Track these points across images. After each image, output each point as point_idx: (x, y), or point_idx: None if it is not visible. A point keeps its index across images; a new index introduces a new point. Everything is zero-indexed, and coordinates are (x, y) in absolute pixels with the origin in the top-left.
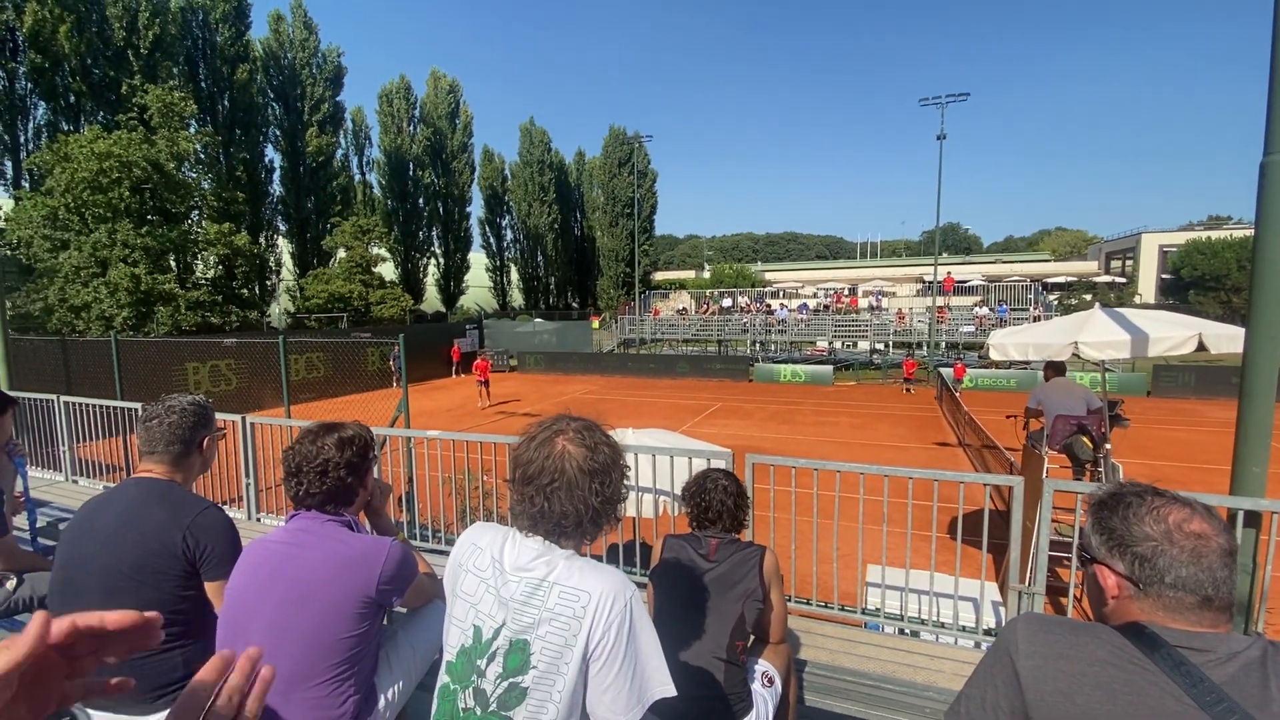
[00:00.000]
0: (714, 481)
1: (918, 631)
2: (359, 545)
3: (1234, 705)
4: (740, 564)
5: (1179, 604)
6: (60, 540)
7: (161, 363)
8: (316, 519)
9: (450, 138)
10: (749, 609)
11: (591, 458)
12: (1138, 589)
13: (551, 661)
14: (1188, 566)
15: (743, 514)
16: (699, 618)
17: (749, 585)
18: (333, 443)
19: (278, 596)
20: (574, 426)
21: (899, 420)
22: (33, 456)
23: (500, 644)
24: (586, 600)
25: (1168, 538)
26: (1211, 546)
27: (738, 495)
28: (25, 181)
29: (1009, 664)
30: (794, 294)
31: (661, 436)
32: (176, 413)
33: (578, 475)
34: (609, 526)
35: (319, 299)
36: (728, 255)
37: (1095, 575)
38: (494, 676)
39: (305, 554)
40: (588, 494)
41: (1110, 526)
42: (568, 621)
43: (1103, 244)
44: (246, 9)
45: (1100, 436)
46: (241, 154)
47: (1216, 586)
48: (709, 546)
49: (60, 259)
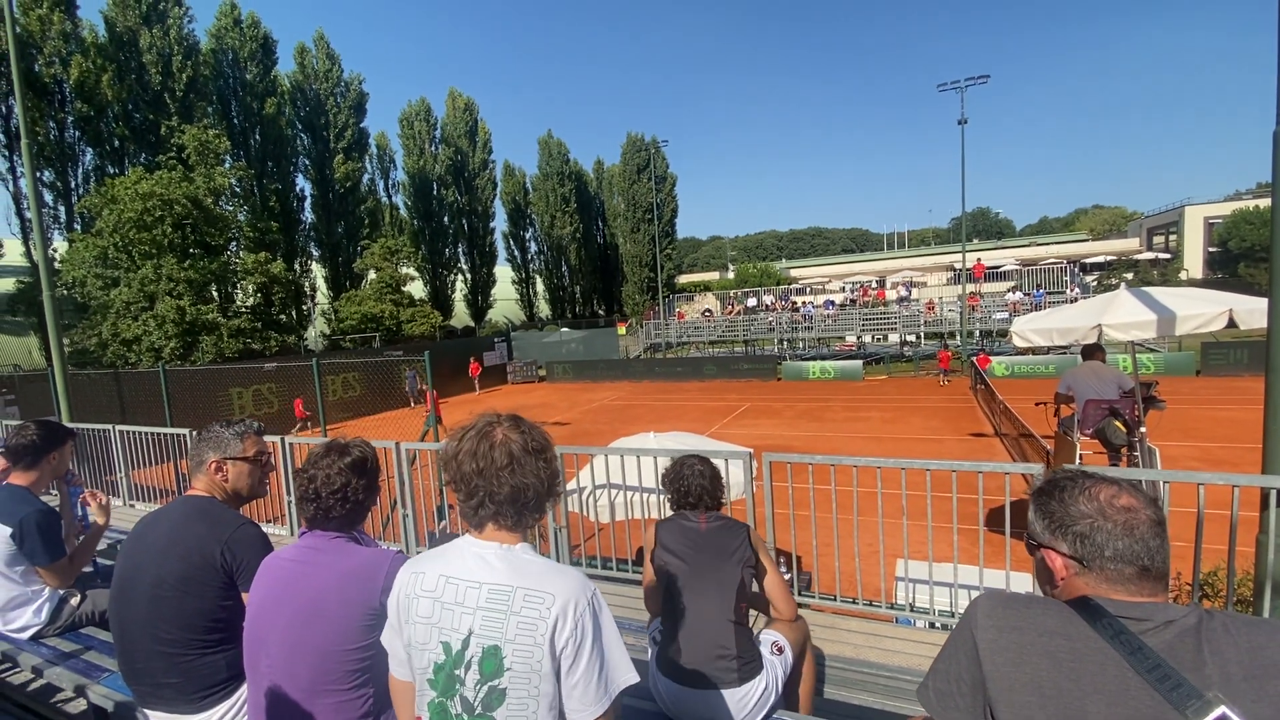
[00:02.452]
0: (689, 467)
1: (949, 625)
2: (361, 558)
3: (1169, 670)
4: (730, 533)
5: (1120, 575)
6: (118, 556)
7: (207, 389)
8: (324, 536)
9: (471, 155)
10: (746, 574)
11: (530, 439)
12: (1082, 566)
13: (524, 661)
14: (1123, 539)
15: (719, 493)
16: (707, 585)
17: (743, 553)
18: (347, 466)
19: (290, 612)
20: (504, 419)
21: (932, 412)
22: (92, 483)
23: (473, 652)
24: (551, 602)
25: (1101, 514)
26: (1141, 519)
27: (712, 477)
28: (77, 224)
29: (969, 637)
30: (820, 290)
31: (681, 439)
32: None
33: (523, 456)
34: (552, 504)
35: (352, 320)
36: (751, 254)
37: (1044, 559)
38: (473, 683)
39: (313, 570)
40: (537, 470)
41: (1050, 510)
42: (535, 623)
43: (1143, 219)
44: (273, 45)
45: (1134, 420)
46: (274, 185)
47: (1151, 556)
48: (697, 520)
49: (111, 296)
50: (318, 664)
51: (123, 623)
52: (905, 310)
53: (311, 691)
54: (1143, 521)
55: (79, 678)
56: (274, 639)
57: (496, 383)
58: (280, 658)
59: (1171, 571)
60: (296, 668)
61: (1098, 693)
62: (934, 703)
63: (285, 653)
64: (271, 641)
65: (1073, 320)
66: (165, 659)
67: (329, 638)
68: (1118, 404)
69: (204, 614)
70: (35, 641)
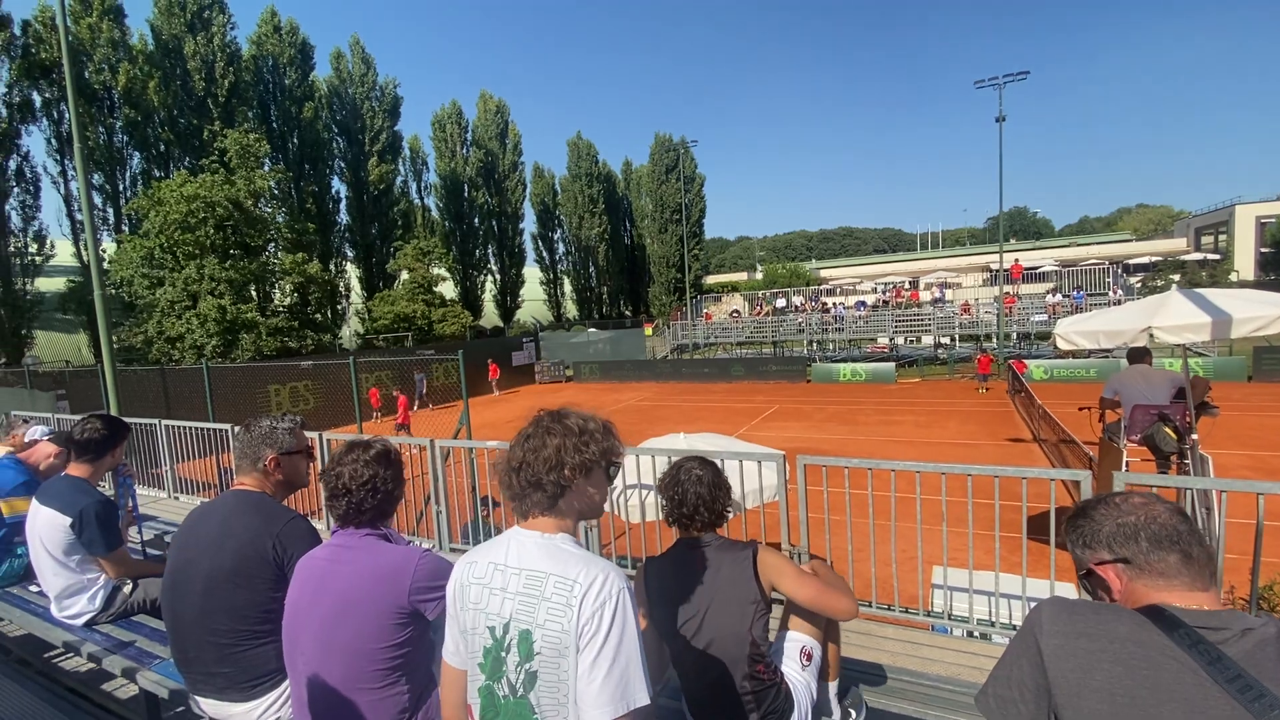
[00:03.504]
0: (687, 472)
1: (988, 634)
2: (389, 557)
3: (1250, 680)
4: (735, 572)
5: (1166, 566)
6: (170, 547)
7: (247, 386)
8: (355, 534)
9: (501, 157)
10: (757, 625)
11: (572, 422)
12: (1129, 565)
13: (554, 646)
14: (1149, 527)
15: (721, 505)
16: (714, 650)
17: (749, 594)
18: (372, 458)
19: (321, 611)
20: (550, 412)
21: (968, 416)
22: (139, 476)
23: (512, 635)
24: (578, 589)
25: (1119, 510)
26: (1159, 509)
27: (713, 485)
28: (125, 226)
29: (1033, 643)
30: (851, 290)
31: (713, 440)
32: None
33: (564, 438)
34: (598, 473)
35: (385, 320)
36: (780, 255)
37: (1098, 578)
38: (514, 665)
39: (344, 569)
40: (578, 446)
41: (1082, 531)
42: (562, 609)
43: (1191, 219)
44: (310, 50)
45: (1185, 426)
46: (311, 187)
47: (1183, 539)
48: (694, 561)
49: (157, 295)
50: (350, 663)
51: (176, 614)
52: (939, 312)
53: (346, 689)
54: (1161, 511)
55: (130, 663)
56: (307, 638)
57: (524, 382)
58: (314, 656)
59: (1225, 583)
60: (330, 666)
61: (1174, 700)
62: (994, 710)
63: (319, 652)
64: (305, 640)
65: (1121, 322)
66: (217, 649)
67: (360, 637)
68: (1168, 409)
69: (255, 606)
70: (89, 628)
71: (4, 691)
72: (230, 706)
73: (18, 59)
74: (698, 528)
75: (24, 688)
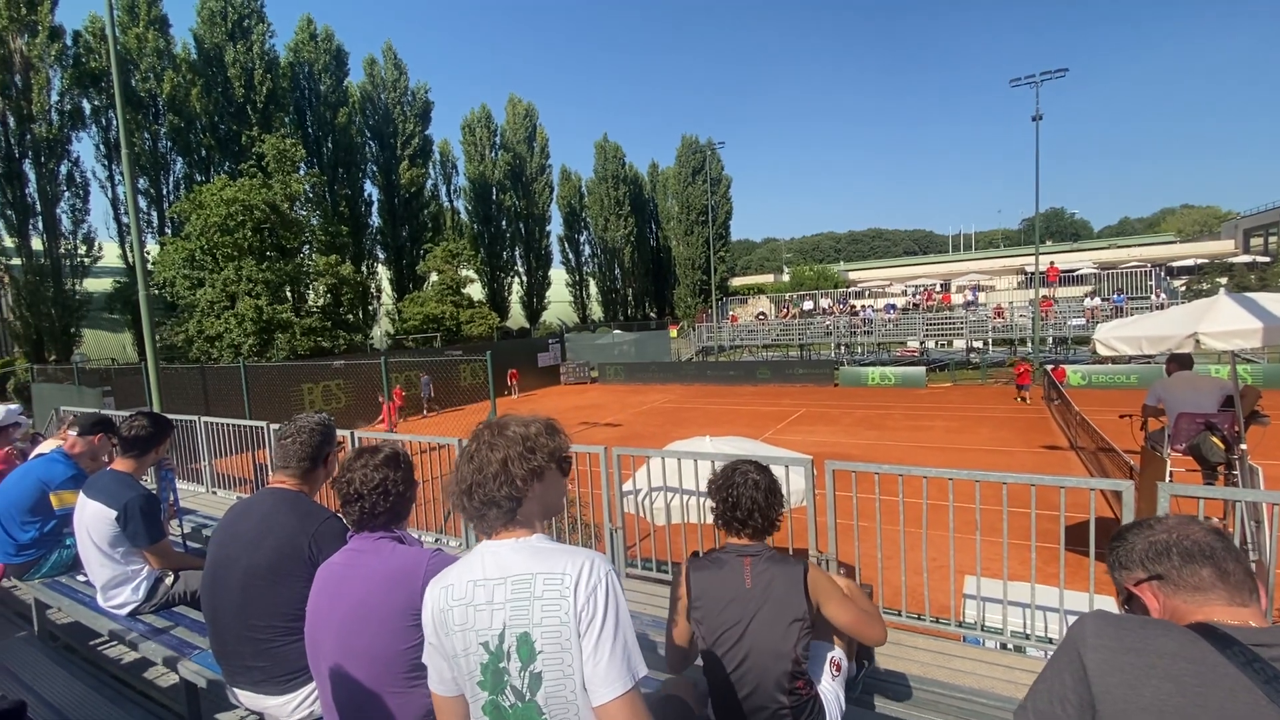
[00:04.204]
0: (743, 475)
1: (1022, 647)
2: (401, 558)
3: None
4: (785, 588)
5: (1201, 580)
6: (210, 543)
7: (281, 384)
8: (369, 538)
9: (529, 160)
10: (801, 643)
11: (514, 435)
12: (1163, 581)
13: (554, 642)
14: (1180, 543)
15: (775, 513)
16: (752, 663)
17: (796, 611)
18: (381, 462)
19: (340, 616)
20: (487, 426)
21: (1001, 422)
22: (178, 471)
23: (509, 643)
24: (569, 580)
25: (1152, 529)
26: (1194, 528)
27: (769, 490)
28: (168, 228)
29: (1076, 657)
30: (880, 293)
31: (740, 443)
32: (307, 431)
33: (505, 445)
34: (549, 471)
35: (415, 320)
36: (808, 256)
37: (1138, 601)
38: (517, 671)
39: (359, 574)
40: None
41: (1118, 554)
42: (557, 601)
43: (1239, 220)
44: (345, 57)
45: (1234, 435)
46: (344, 190)
47: (1216, 553)
48: (742, 568)
49: (197, 295)
50: (371, 666)
51: (215, 609)
52: (972, 315)
53: (369, 692)
54: (1196, 530)
55: (171, 653)
56: (327, 643)
57: (550, 384)
58: (336, 661)
59: (1278, 600)
60: (353, 670)
61: (1227, 719)
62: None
63: (339, 656)
64: (325, 645)
65: (1165, 327)
66: (254, 644)
67: (377, 640)
68: (1215, 418)
69: (292, 602)
70: (132, 617)
71: (52, 677)
72: (266, 699)
73: (69, 68)
74: (749, 534)
75: (70, 673)
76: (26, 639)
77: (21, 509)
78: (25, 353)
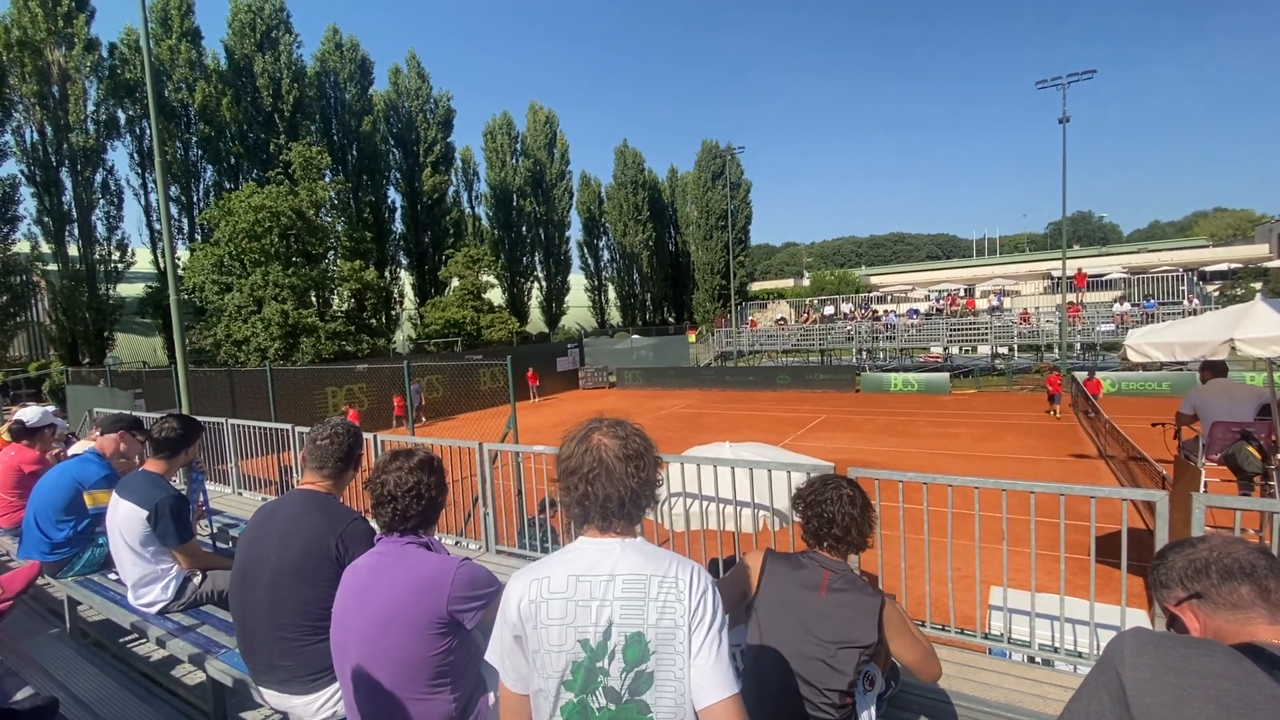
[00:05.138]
0: (836, 490)
1: (1051, 660)
2: (428, 566)
3: None
4: (858, 611)
5: (1239, 599)
6: (240, 542)
7: (306, 388)
8: (397, 542)
9: (549, 167)
10: (861, 670)
11: (624, 446)
12: (1202, 600)
13: (667, 643)
14: (1220, 561)
15: (868, 529)
16: (805, 671)
17: (864, 640)
18: (416, 465)
19: (365, 619)
20: (607, 423)
21: (1028, 430)
22: (207, 472)
23: (616, 641)
24: (685, 586)
25: (1194, 548)
26: (1236, 547)
27: (864, 506)
28: (198, 235)
29: (1115, 676)
30: (903, 298)
31: (760, 450)
32: (342, 433)
33: (614, 462)
34: (650, 507)
35: (437, 325)
36: (828, 261)
37: (1179, 622)
38: (618, 672)
39: (386, 578)
40: (625, 477)
41: (1158, 576)
42: (672, 605)
43: (1273, 223)
44: (370, 66)
45: (1271, 445)
46: (368, 197)
47: (1257, 571)
48: (820, 579)
49: (225, 300)
50: (396, 670)
51: (244, 607)
52: (997, 320)
53: (394, 695)
54: (1238, 548)
55: (199, 651)
56: (353, 645)
57: (569, 388)
58: (361, 663)
59: None
60: (377, 673)
61: None
62: None
63: (365, 658)
64: (351, 647)
65: (1199, 334)
66: (281, 643)
67: (402, 645)
68: (1251, 427)
69: (318, 601)
70: (161, 616)
71: (82, 673)
72: (291, 699)
73: (105, 79)
74: (840, 550)
75: (100, 669)
76: (59, 636)
77: (56, 508)
78: (60, 356)
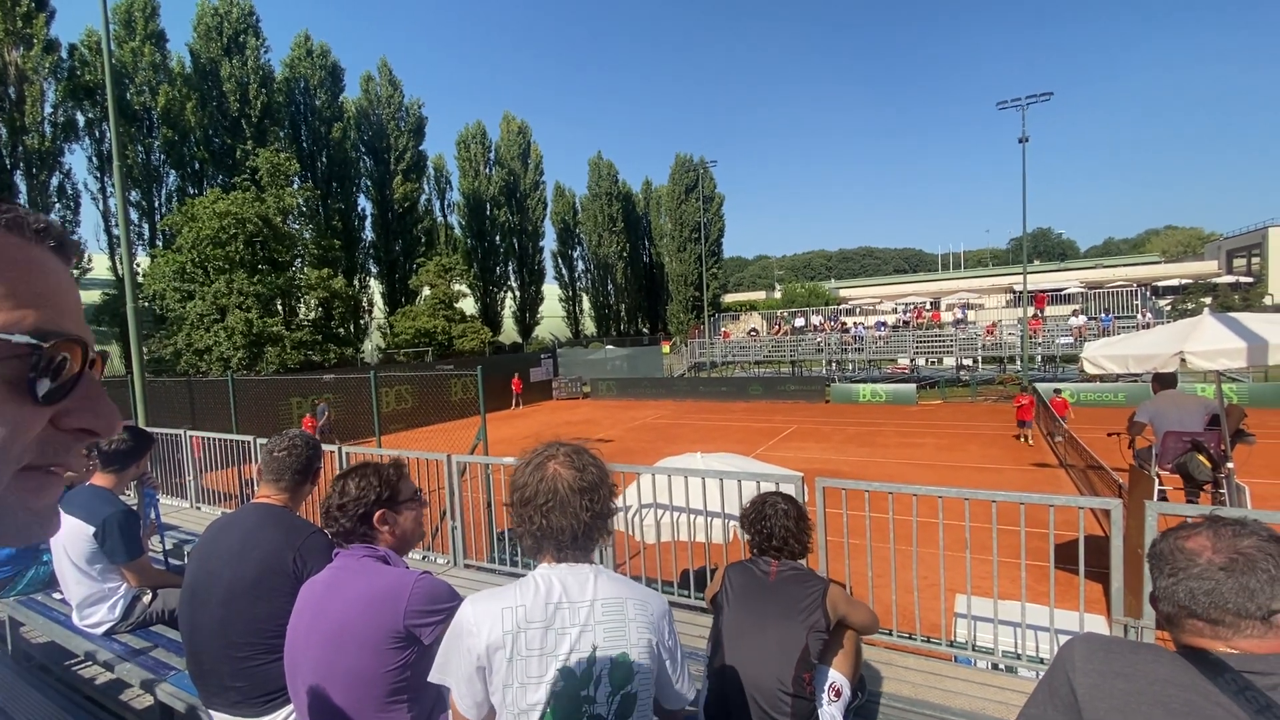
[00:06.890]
0: (773, 506)
1: (1014, 667)
2: (385, 580)
3: None
4: (802, 588)
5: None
6: (190, 558)
7: (270, 398)
8: (354, 555)
9: (523, 177)
10: (813, 640)
11: (580, 477)
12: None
13: (646, 662)
14: (1188, 583)
15: (805, 537)
16: (763, 643)
17: (814, 618)
18: (371, 474)
19: (319, 634)
20: (563, 450)
21: (991, 440)
22: (163, 485)
23: (601, 665)
24: (647, 605)
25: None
26: (1204, 561)
27: (798, 518)
28: (159, 241)
29: (1065, 682)
30: (871, 310)
31: (731, 460)
32: (300, 445)
33: (569, 494)
34: (601, 540)
35: (407, 335)
36: (799, 274)
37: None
38: (605, 697)
39: (341, 592)
40: (580, 510)
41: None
42: (648, 624)
43: (1223, 241)
44: (340, 73)
45: (1220, 454)
46: (337, 204)
47: (1218, 599)
48: (769, 567)
49: (187, 308)
50: (351, 687)
51: (194, 626)
52: (961, 333)
53: (347, 713)
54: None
55: (148, 674)
56: (307, 663)
57: (542, 399)
58: (315, 681)
59: None
60: (331, 691)
61: None
62: None
63: (319, 676)
64: (305, 665)
65: (1151, 346)
66: (233, 662)
67: (358, 661)
68: (1201, 437)
69: (273, 618)
70: (108, 637)
71: (25, 699)
72: None
73: (64, 80)
74: (782, 558)
75: (44, 695)
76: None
77: None
78: None
